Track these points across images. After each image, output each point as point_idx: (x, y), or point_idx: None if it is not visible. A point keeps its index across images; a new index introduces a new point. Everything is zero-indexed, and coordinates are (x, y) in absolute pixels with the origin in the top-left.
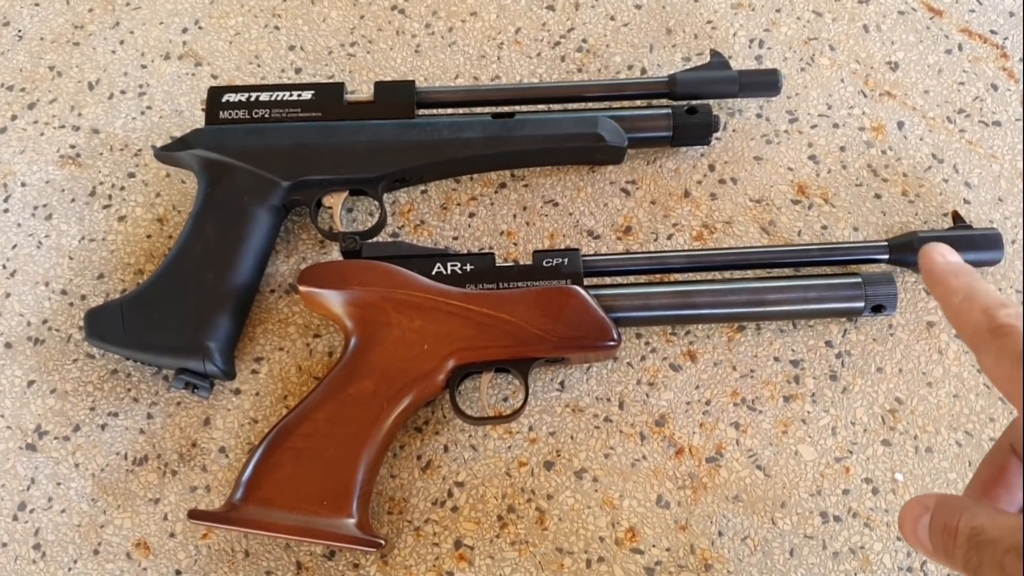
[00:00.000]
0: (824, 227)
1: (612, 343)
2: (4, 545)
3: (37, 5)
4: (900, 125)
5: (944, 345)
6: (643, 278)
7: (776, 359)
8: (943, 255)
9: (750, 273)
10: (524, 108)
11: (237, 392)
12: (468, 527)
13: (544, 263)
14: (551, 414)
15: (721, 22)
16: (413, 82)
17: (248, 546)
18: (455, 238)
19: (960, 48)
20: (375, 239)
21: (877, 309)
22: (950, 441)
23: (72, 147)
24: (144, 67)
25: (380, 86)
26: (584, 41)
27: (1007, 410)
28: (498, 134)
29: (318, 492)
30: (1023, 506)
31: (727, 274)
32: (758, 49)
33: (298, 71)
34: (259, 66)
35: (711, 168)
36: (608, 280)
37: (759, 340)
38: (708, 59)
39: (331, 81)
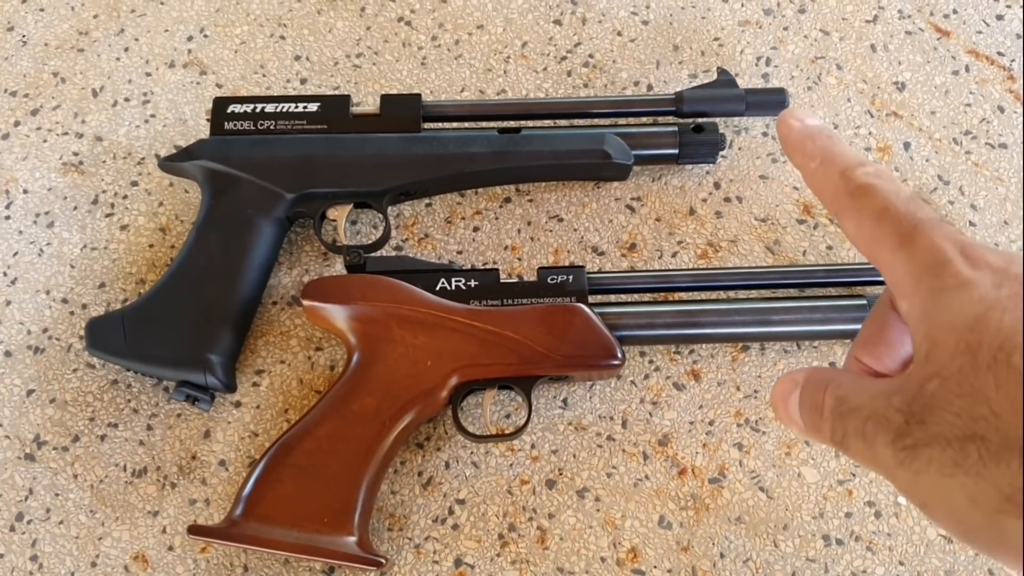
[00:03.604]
0: (829, 247)
1: (616, 362)
2: (1, 556)
3: (42, 11)
4: (906, 146)
5: None
6: (647, 296)
7: None
8: (800, 119)
9: (755, 293)
10: (530, 123)
11: (238, 405)
12: (469, 545)
13: (549, 280)
14: (554, 432)
15: (728, 39)
16: (419, 96)
17: (247, 561)
18: (459, 252)
19: (967, 69)
20: (379, 253)
21: None
22: None
23: (75, 154)
24: (148, 75)
25: (386, 99)
26: (591, 56)
27: None
28: (504, 149)
29: (319, 509)
30: (903, 361)
31: (732, 293)
32: (765, 67)
33: (303, 81)
34: (264, 76)
35: (716, 186)
36: (612, 298)
37: (763, 360)
38: (715, 77)
39: (337, 93)
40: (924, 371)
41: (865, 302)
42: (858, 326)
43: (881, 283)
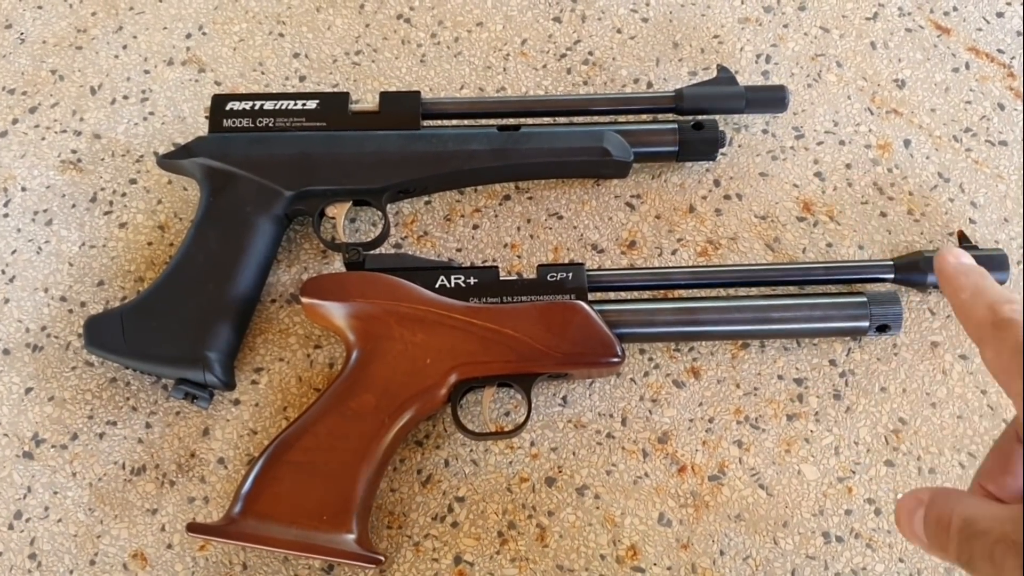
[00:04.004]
0: (829, 244)
1: (616, 359)
2: (0, 554)
3: (40, 8)
4: (907, 143)
5: (948, 366)
6: (647, 294)
7: (780, 377)
8: (956, 256)
9: (755, 290)
10: (530, 121)
11: (236, 403)
12: (468, 543)
13: (548, 277)
14: (553, 430)
15: (728, 37)
16: (419, 93)
17: (246, 559)
18: (458, 250)
19: (967, 67)
20: (378, 250)
21: (882, 329)
22: (953, 462)
23: (73, 152)
24: (147, 72)
25: (385, 96)
26: (590, 54)
27: None
28: (503, 146)
29: (317, 506)
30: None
31: (731, 291)
32: (765, 64)
33: (302, 79)
34: (263, 73)
35: (716, 183)
36: (612, 295)
37: (763, 358)
38: (715, 74)
39: (336, 90)
40: None
41: (865, 299)
42: (857, 323)
43: (880, 281)
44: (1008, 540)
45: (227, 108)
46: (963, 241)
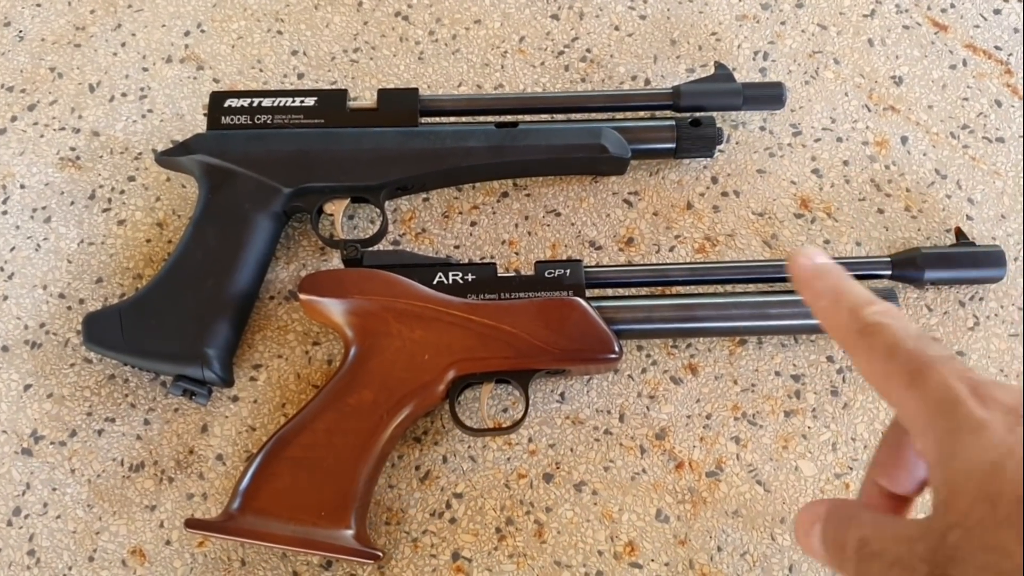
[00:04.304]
0: (827, 241)
1: (613, 356)
2: None
3: (39, 6)
4: (904, 140)
5: None
6: (645, 290)
7: (777, 374)
8: (809, 258)
9: (752, 287)
10: (527, 117)
11: (235, 399)
12: (466, 539)
13: (546, 274)
14: (551, 426)
15: (726, 34)
16: (416, 90)
17: (245, 555)
18: (456, 247)
19: (964, 64)
20: (376, 247)
21: None
22: None
23: (72, 149)
24: (145, 70)
25: (383, 93)
26: (588, 51)
27: None
28: (501, 143)
29: (316, 502)
30: (919, 482)
31: (729, 287)
32: (762, 61)
33: (300, 76)
34: (261, 71)
35: (714, 180)
36: (610, 292)
37: (760, 354)
38: (712, 71)
39: (334, 88)
40: (945, 520)
41: None
42: None
43: (877, 277)
44: (903, 563)
45: (225, 105)
46: (960, 237)
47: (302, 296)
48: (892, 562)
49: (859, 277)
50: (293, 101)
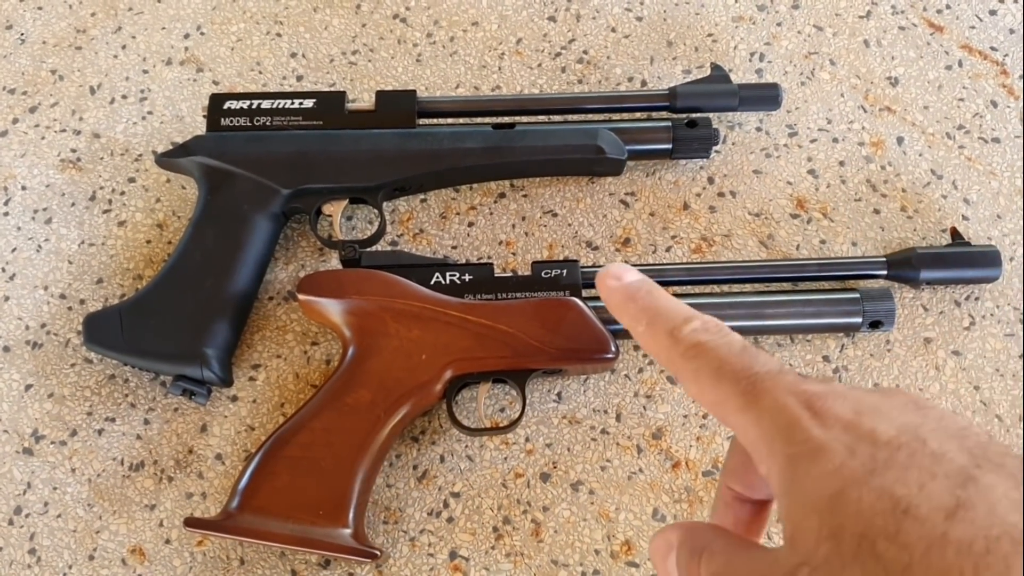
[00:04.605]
0: (823, 241)
1: (610, 355)
2: (0, 549)
3: (40, 9)
4: (900, 140)
5: (941, 362)
6: None
7: None
8: (617, 278)
9: (748, 287)
10: (524, 119)
11: (234, 399)
12: (464, 538)
13: (543, 274)
14: (548, 425)
15: (722, 35)
16: (414, 92)
17: (243, 554)
18: (454, 247)
19: (960, 64)
20: (374, 248)
21: (875, 325)
22: None
23: (73, 151)
24: (146, 72)
25: (381, 95)
26: (585, 52)
27: (1003, 427)
28: (498, 144)
29: (314, 501)
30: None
31: (725, 288)
32: (759, 63)
33: (299, 78)
34: (260, 73)
35: (710, 181)
36: None
37: None
38: (709, 72)
39: (332, 90)
40: (792, 558)
41: (858, 295)
42: (850, 319)
43: (873, 277)
44: None
45: (225, 107)
46: (956, 237)
47: (300, 296)
48: None
49: (855, 277)
50: (292, 103)
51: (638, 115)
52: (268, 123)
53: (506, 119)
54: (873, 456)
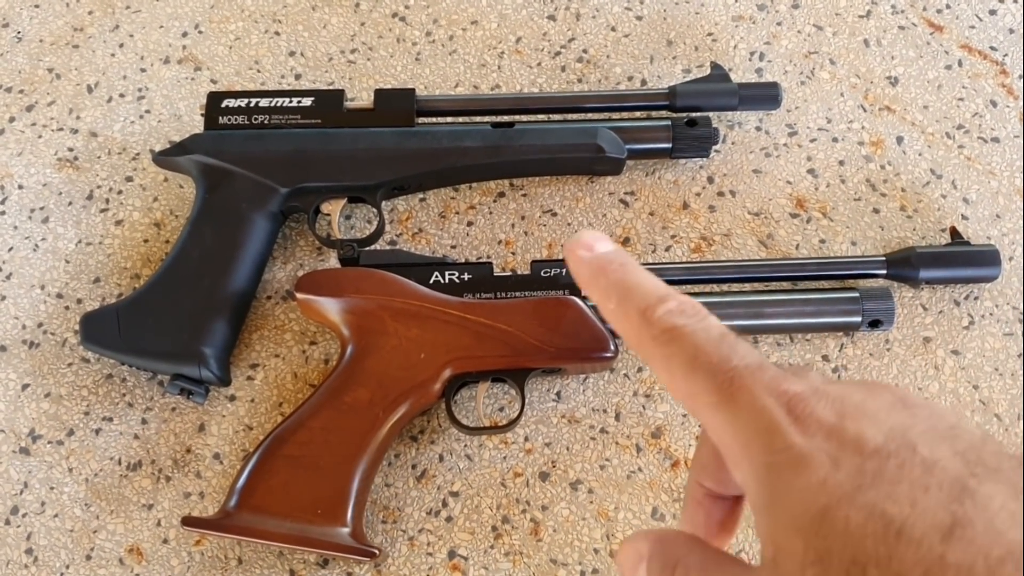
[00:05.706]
0: (822, 241)
1: (609, 354)
2: None
3: (37, 7)
4: (899, 140)
5: (940, 361)
6: None
7: None
8: (588, 247)
9: (748, 286)
10: (524, 118)
11: (232, 398)
12: (462, 537)
13: (542, 273)
14: (547, 425)
15: (722, 34)
16: (413, 90)
17: (242, 553)
18: (453, 247)
19: (960, 64)
20: (373, 247)
21: (874, 324)
22: None
23: (70, 150)
24: (143, 71)
25: (380, 94)
26: (584, 51)
27: (1001, 427)
28: (497, 143)
29: (312, 500)
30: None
31: (725, 287)
32: (758, 62)
33: (298, 77)
34: (259, 71)
35: (710, 180)
36: None
37: None
38: (708, 71)
39: (331, 88)
40: None
41: (858, 295)
42: (850, 318)
43: (873, 277)
44: None
45: (223, 105)
46: (955, 236)
47: (299, 295)
48: None
49: (854, 276)
50: (290, 101)
51: (638, 114)
52: (266, 122)
53: (505, 118)
54: (860, 468)
